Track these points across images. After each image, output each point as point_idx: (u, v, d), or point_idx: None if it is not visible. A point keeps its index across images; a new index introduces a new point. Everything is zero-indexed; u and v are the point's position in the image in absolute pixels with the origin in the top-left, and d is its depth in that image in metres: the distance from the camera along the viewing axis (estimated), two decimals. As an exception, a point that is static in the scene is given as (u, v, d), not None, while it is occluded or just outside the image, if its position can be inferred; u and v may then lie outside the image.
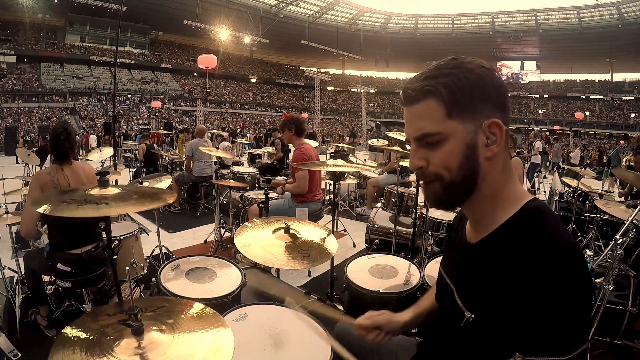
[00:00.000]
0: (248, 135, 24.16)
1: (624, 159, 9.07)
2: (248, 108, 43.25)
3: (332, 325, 1.27)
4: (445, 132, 0.69)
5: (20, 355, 2.09)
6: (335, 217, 2.50)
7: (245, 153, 11.28)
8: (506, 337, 0.66)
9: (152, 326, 0.96)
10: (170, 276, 1.80)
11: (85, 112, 31.90)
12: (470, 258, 0.80)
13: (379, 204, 3.94)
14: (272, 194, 3.21)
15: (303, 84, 49.84)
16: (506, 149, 0.74)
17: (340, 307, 2.00)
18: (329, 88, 50.85)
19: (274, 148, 8.32)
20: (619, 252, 2.08)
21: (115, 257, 2.05)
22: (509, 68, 50.31)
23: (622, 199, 4.29)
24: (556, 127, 35.74)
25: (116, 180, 4.51)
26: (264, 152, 8.57)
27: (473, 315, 0.74)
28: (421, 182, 0.79)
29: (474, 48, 44.84)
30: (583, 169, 5.16)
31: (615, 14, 40.02)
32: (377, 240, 3.48)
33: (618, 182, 8.85)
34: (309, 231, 1.73)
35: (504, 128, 0.71)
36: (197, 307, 1.09)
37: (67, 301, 2.47)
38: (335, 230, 2.53)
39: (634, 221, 2.26)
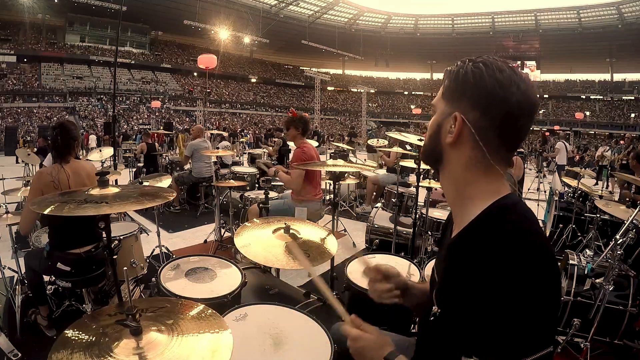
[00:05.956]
0: (248, 135, 24.14)
1: (618, 158, 8.99)
2: (248, 108, 43.18)
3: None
4: (436, 105, 0.84)
5: (20, 355, 2.09)
6: (335, 217, 2.50)
7: (245, 153, 11.30)
8: (462, 336, 0.67)
9: (152, 326, 0.97)
10: (170, 276, 1.80)
11: (85, 112, 31.88)
12: (447, 253, 0.82)
13: (379, 204, 3.95)
14: (272, 194, 3.20)
15: (303, 84, 49.76)
16: (477, 149, 0.75)
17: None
18: (329, 88, 50.77)
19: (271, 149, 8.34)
20: (619, 252, 2.08)
21: (115, 257, 2.05)
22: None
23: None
24: (556, 127, 35.68)
25: (116, 180, 4.51)
26: (264, 152, 8.59)
27: (439, 310, 0.76)
28: None
29: (474, 48, 44.72)
30: (583, 169, 5.15)
31: (615, 14, 39.98)
32: (377, 240, 3.49)
33: (617, 186, 8.78)
34: (309, 231, 1.73)
35: (462, 124, 0.75)
36: (197, 307, 1.09)
37: (67, 301, 2.47)
38: (335, 230, 2.53)
39: (634, 221, 2.27)
